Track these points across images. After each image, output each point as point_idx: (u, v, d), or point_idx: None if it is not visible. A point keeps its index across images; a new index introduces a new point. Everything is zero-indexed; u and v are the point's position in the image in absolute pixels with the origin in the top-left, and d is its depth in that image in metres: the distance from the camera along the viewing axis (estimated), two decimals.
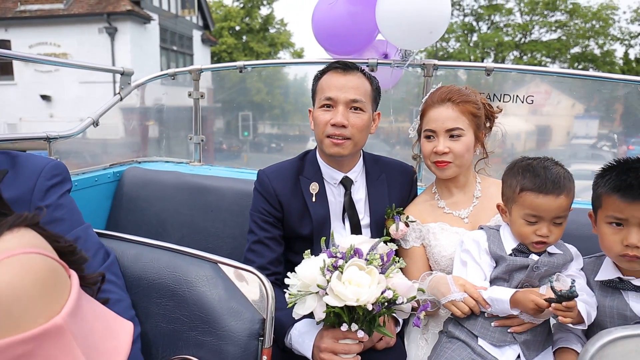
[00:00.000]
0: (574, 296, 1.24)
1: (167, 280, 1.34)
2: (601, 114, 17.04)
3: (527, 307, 1.35)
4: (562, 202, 1.41)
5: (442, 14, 2.08)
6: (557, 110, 16.76)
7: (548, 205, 1.40)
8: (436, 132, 1.66)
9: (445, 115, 1.65)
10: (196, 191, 2.41)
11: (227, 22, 33.29)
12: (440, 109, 1.67)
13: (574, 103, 16.62)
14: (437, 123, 1.66)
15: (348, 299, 1.23)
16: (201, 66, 2.68)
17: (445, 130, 1.65)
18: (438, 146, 1.65)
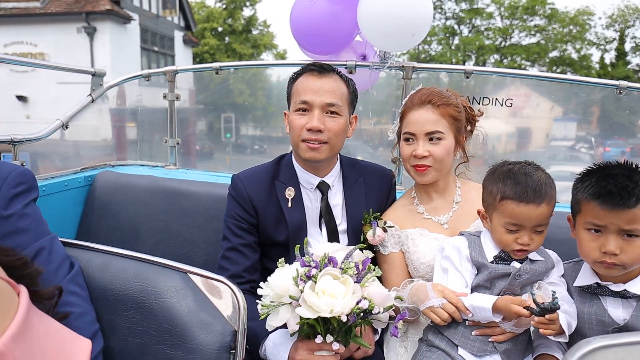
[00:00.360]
0: (557, 308, 1.22)
1: (134, 291, 1.27)
2: (579, 116, 17.37)
3: (509, 316, 1.32)
4: (544, 211, 1.39)
5: (425, 16, 2.05)
6: (536, 113, 17.04)
7: (529, 215, 1.38)
8: (415, 135, 1.63)
9: (425, 118, 1.62)
10: (171, 196, 2.34)
11: (210, 23, 33.07)
12: (420, 111, 1.63)
13: (552, 106, 16.87)
14: (417, 126, 1.63)
15: (321, 310, 1.19)
16: (176, 67, 2.61)
17: (425, 133, 1.62)
18: (417, 150, 1.62)
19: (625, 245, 1.29)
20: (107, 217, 2.39)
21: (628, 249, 1.29)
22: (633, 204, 1.26)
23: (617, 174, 1.30)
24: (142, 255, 1.35)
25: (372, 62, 2.27)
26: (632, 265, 1.32)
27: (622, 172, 1.30)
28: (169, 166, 2.73)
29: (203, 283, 1.28)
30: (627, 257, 1.30)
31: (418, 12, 2.03)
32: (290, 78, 1.76)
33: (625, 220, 1.27)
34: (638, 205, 1.26)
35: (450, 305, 1.41)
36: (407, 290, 1.54)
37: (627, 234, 1.29)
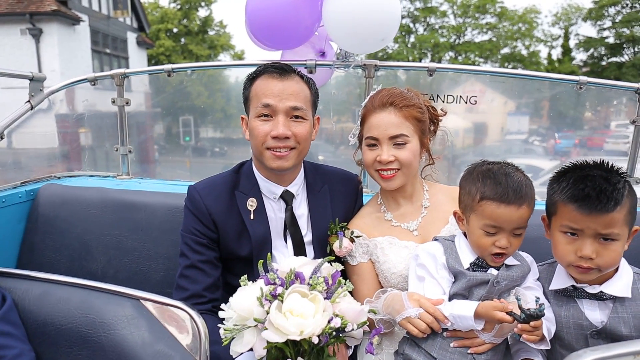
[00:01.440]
0: (542, 315, 1.17)
1: (79, 324, 1.13)
2: (530, 110, 18.04)
3: (491, 323, 1.26)
4: (524, 213, 1.34)
5: (394, 20, 1.96)
6: (491, 108, 17.55)
7: (509, 216, 1.33)
8: (379, 140, 1.55)
9: (388, 121, 1.54)
10: (124, 209, 2.17)
11: (164, 24, 32.27)
12: (382, 114, 1.55)
13: (506, 101, 17.45)
14: (380, 130, 1.54)
15: (290, 332, 1.09)
16: (124, 70, 2.43)
17: (389, 137, 1.54)
18: (382, 155, 1.53)
19: (601, 249, 1.26)
20: (53, 235, 2.19)
21: (604, 252, 1.26)
22: (611, 208, 1.22)
23: (595, 176, 1.26)
24: (88, 282, 1.21)
25: (333, 62, 2.18)
26: (607, 268, 1.29)
27: (600, 174, 1.27)
28: (121, 176, 2.55)
29: (158, 310, 1.15)
30: (602, 261, 1.27)
31: (387, 15, 1.93)
32: (247, 79, 1.64)
33: (602, 225, 1.24)
34: (616, 209, 1.22)
35: (427, 315, 1.33)
36: (380, 301, 1.46)
37: (603, 237, 1.26)
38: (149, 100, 14.96)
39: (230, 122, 20.41)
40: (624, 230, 1.26)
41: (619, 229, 1.24)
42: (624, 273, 1.34)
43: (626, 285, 1.32)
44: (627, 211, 1.25)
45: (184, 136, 18.48)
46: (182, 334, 1.13)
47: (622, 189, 1.24)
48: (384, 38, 1.92)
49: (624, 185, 1.26)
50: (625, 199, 1.24)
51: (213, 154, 19.34)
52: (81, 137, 3.23)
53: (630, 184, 1.29)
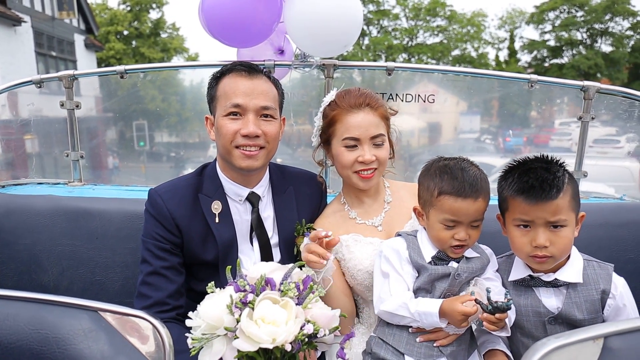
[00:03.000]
0: (509, 308, 1.20)
1: (30, 341, 1.05)
2: (481, 110, 18.72)
3: (455, 318, 1.28)
4: (480, 206, 1.38)
5: (356, 26, 1.96)
6: (444, 108, 18.07)
7: (467, 209, 1.36)
8: (360, 140, 1.54)
9: (368, 121, 1.54)
10: (77, 217, 2.06)
11: (114, 26, 31.24)
12: (360, 114, 1.54)
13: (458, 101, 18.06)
14: (361, 130, 1.53)
15: (262, 341, 1.06)
16: (73, 72, 2.31)
17: (370, 137, 1.54)
18: (364, 155, 1.53)
19: (553, 236, 1.32)
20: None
21: (556, 240, 1.32)
22: (555, 195, 1.29)
23: (537, 168, 1.33)
24: (38, 296, 1.12)
25: (292, 62, 2.15)
26: (562, 255, 1.35)
27: (540, 166, 1.34)
28: (72, 183, 2.42)
29: (118, 321, 1.09)
30: (556, 249, 1.32)
31: (350, 20, 1.93)
32: (212, 78, 1.59)
33: (549, 212, 1.30)
34: (559, 195, 1.29)
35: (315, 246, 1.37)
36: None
37: (553, 225, 1.32)
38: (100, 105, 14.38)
39: (186, 126, 19.95)
40: (571, 216, 1.33)
41: (565, 214, 1.31)
42: (575, 260, 1.41)
43: (577, 271, 1.38)
44: (570, 197, 1.32)
45: (138, 141, 17.91)
46: (145, 345, 1.07)
47: (562, 177, 1.32)
48: (346, 44, 1.92)
49: (564, 174, 1.34)
50: (566, 186, 1.31)
51: (169, 158, 18.85)
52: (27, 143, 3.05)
53: (570, 173, 1.37)
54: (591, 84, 2.31)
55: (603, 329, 0.97)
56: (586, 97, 2.34)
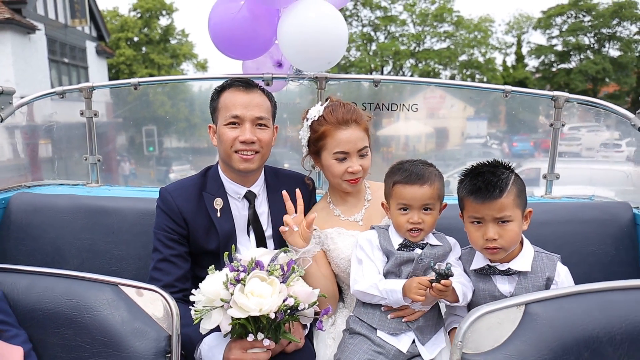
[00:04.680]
0: (450, 274, 1.42)
1: (65, 308, 1.30)
2: (489, 115, 18.77)
3: (415, 290, 1.49)
4: (426, 191, 1.62)
5: (340, 45, 2.19)
6: (451, 113, 18.16)
7: (414, 193, 1.61)
8: (349, 154, 1.77)
9: (356, 137, 1.76)
10: (95, 214, 2.32)
11: (124, 33, 31.75)
12: (348, 131, 1.76)
13: (465, 106, 18.08)
14: (350, 145, 1.76)
15: (251, 309, 1.29)
16: (92, 84, 2.58)
17: (357, 150, 1.77)
18: (353, 167, 1.76)
19: (501, 230, 1.53)
20: (26, 241, 2.31)
21: (504, 233, 1.53)
22: (498, 195, 1.51)
23: (485, 172, 1.56)
24: (70, 272, 1.38)
25: (288, 75, 2.40)
26: (510, 246, 1.56)
27: (488, 170, 1.57)
28: (90, 184, 2.68)
29: (135, 293, 1.33)
30: (504, 241, 1.54)
31: (335, 39, 2.16)
32: (215, 92, 1.84)
33: (496, 210, 1.52)
34: (502, 195, 1.51)
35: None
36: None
37: (500, 220, 1.53)
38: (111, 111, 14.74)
39: (194, 132, 20.26)
40: (516, 212, 1.54)
41: (510, 211, 1.52)
42: (526, 252, 1.62)
43: (528, 261, 1.59)
44: (515, 196, 1.53)
45: (147, 146, 18.25)
46: (156, 314, 1.31)
47: (506, 179, 1.53)
48: (330, 61, 2.15)
49: (508, 176, 1.54)
50: (511, 187, 1.52)
51: (178, 164, 19.14)
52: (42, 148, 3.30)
53: (517, 174, 1.58)
54: (560, 94, 2.54)
55: (525, 298, 1.20)
56: (556, 105, 2.55)
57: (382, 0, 39.39)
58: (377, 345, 1.57)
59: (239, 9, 2.14)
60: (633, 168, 3.96)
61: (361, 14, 40.14)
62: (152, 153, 18.50)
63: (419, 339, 1.59)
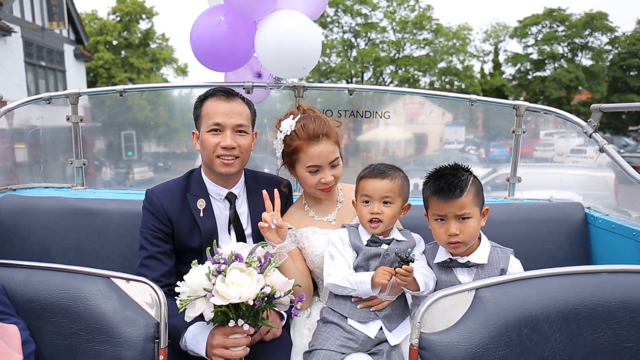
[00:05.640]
0: (411, 260, 1.58)
1: (60, 298, 1.42)
2: (466, 121, 19.23)
3: (380, 274, 1.65)
4: (386, 185, 1.78)
5: (315, 51, 2.34)
6: (430, 120, 18.51)
7: (374, 186, 1.79)
8: (322, 167, 1.91)
9: (327, 151, 1.90)
10: (81, 215, 2.41)
11: (103, 36, 31.41)
12: (319, 146, 1.89)
13: (443, 112, 18.50)
14: (321, 159, 1.89)
15: (232, 297, 1.43)
16: (79, 90, 2.68)
17: (329, 162, 1.91)
18: (326, 177, 1.90)
19: (461, 226, 1.70)
20: (13, 242, 2.39)
21: (464, 229, 1.70)
22: (458, 195, 1.68)
23: (447, 174, 1.73)
24: (64, 266, 1.49)
25: (267, 83, 2.54)
26: (470, 240, 1.73)
27: (450, 172, 1.74)
28: (76, 187, 2.77)
29: (125, 285, 1.46)
30: (465, 235, 1.71)
31: (309, 47, 2.31)
32: (198, 100, 1.97)
33: (457, 208, 1.69)
34: (462, 195, 1.68)
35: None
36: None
37: (461, 217, 1.70)
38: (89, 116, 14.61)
39: (174, 137, 20.15)
40: (475, 209, 1.71)
41: (470, 209, 1.69)
42: (483, 246, 1.79)
43: (485, 255, 1.76)
44: (474, 195, 1.70)
45: (126, 151, 18.09)
46: (145, 303, 1.43)
47: (465, 180, 1.70)
48: (305, 67, 2.31)
49: (468, 177, 1.72)
50: (470, 187, 1.69)
51: (157, 169, 19.01)
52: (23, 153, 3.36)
53: (475, 176, 1.76)
54: (521, 103, 2.74)
55: (475, 284, 1.36)
56: (518, 114, 2.76)
57: (362, 7, 39.89)
58: (348, 332, 1.72)
59: (218, 23, 2.27)
60: (601, 173, 4.16)
61: (342, 21, 40.55)
62: (130, 158, 18.34)
63: (386, 326, 1.75)
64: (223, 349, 1.57)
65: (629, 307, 1.34)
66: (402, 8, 40.87)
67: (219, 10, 2.33)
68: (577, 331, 1.32)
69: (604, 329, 1.33)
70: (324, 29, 40.78)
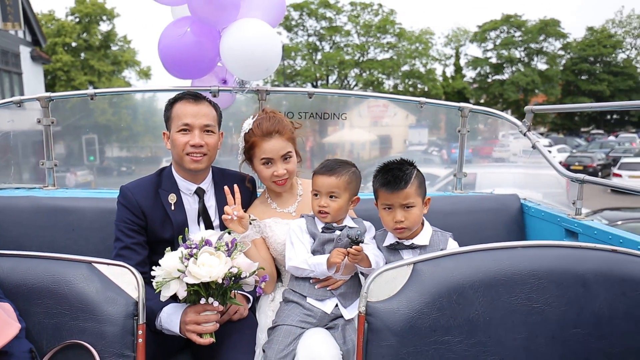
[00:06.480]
0: (361, 240, 1.81)
1: (46, 282, 1.57)
2: (429, 123, 19.82)
3: (334, 255, 1.87)
4: (332, 181, 2.00)
5: (275, 54, 2.56)
6: (394, 121, 18.97)
7: (322, 182, 2.01)
8: (274, 160, 2.11)
9: (278, 146, 2.10)
10: (55, 213, 2.53)
11: (62, 38, 30.56)
12: (272, 141, 2.10)
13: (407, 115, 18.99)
14: (273, 153, 2.10)
15: (202, 276, 1.62)
16: (50, 94, 2.80)
17: (281, 156, 2.12)
18: (278, 170, 2.11)
19: (406, 214, 1.94)
20: None
21: (408, 216, 1.95)
22: (403, 186, 1.92)
23: (393, 168, 1.97)
24: (49, 254, 1.65)
25: (232, 87, 2.74)
26: (414, 226, 1.98)
27: (396, 166, 1.98)
28: (47, 187, 2.88)
29: (106, 269, 1.62)
30: (409, 222, 1.95)
31: (270, 51, 2.53)
32: (168, 103, 2.14)
33: (402, 198, 1.93)
34: (407, 186, 1.92)
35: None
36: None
37: (406, 206, 1.94)
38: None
39: (137, 140, 19.88)
40: (418, 199, 1.96)
41: (413, 199, 1.94)
42: (426, 230, 2.04)
43: (427, 238, 2.01)
44: (417, 186, 1.95)
45: (88, 156, 17.72)
46: (125, 284, 1.59)
47: (409, 173, 1.94)
48: (267, 68, 2.52)
49: (412, 171, 1.96)
50: (413, 179, 1.94)
51: (120, 173, 18.69)
52: None
53: (418, 170, 2.00)
54: (465, 105, 3.03)
55: (413, 259, 1.60)
56: (462, 115, 3.05)
57: (327, 11, 40.31)
58: (307, 310, 1.94)
59: (184, 33, 2.46)
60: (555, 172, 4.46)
61: (307, 24, 40.86)
62: (92, 162, 17.98)
63: (342, 303, 1.97)
64: (195, 324, 1.75)
65: (537, 274, 1.61)
66: (366, 12, 41.57)
67: (185, 21, 2.51)
68: (496, 296, 1.58)
69: (517, 293, 1.59)
70: (289, 32, 40.97)
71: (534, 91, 42.45)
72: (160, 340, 1.87)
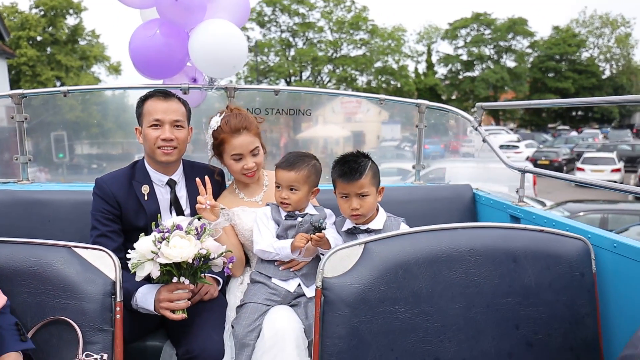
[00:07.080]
0: (323, 227, 2.00)
1: (29, 265, 1.70)
2: (402, 119, 20.13)
3: (298, 239, 2.05)
4: (292, 175, 2.17)
5: (242, 52, 2.71)
6: (367, 117, 19.21)
7: (282, 176, 2.18)
8: (243, 155, 2.27)
9: (247, 141, 2.27)
10: (31, 205, 2.64)
11: (26, 32, 29.59)
12: (240, 137, 2.26)
13: (380, 111, 19.23)
14: (242, 148, 2.26)
15: (174, 257, 1.78)
16: (22, 91, 2.88)
17: (249, 151, 2.28)
18: (248, 164, 2.27)
19: (361, 202, 2.13)
20: None
21: (364, 204, 2.14)
22: (358, 177, 2.10)
23: (349, 160, 2.15)
24: (30, 240, 1.78)
25: (202, 85, 2.88)
26: (368, 213, 2.17)
27: (352, 159, 2.16)
28: (22, 181, 2.97)
29: (86, 253, 1.77)
30: (364, 209, 2.14)
31: (236, 49, 2.68)
32: (139, 100, 2.28)
33: (357, 187, 2.12)
34: (361, 177, 2.10)
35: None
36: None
37: (361, 195, 2.13)
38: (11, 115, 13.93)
39: (108, 137, 19.56)
40: (372, 189, 2.15)
41: (368, 188, 2.13)
42: (380, 216, 2.24)
43: (381, 222, 2.22)
44: (371, 177, 2.14)
45: (57, 153, 17.38)
46: (103, 266, 1.74)
47: (364, 165, 2.13)
48: (235, 65, 2.67)
49: (366, 163, 2.15)
50: (367, 171, 2.13)
51: (90, 170, 18.40)
52: None
53: (373, 161, 2.19)
54: (422, 102, 3.26)
55: (365, 239, 1.80)
56: (420, 111, 3.28)
57: (300, 7, 40.28)
58: (272, 289, 2.12)
59: (154, 34, 2.59)
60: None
61: (280, 20, 40.75)
62: (62, 160, 17.64)
63: (304, 282, 2.16)
64: (168, 302, 1.91)
65: (474, 252, 1.84)
66: (338, 8, 41.68)
67: (154, 23, 2.64)
68: (438, 271, 1.80)
69: (457, 268, 1.81)
70: (261, 28, 40.79)
71: (503, 88, 43.52)
72: (137, 319, 2.02)
